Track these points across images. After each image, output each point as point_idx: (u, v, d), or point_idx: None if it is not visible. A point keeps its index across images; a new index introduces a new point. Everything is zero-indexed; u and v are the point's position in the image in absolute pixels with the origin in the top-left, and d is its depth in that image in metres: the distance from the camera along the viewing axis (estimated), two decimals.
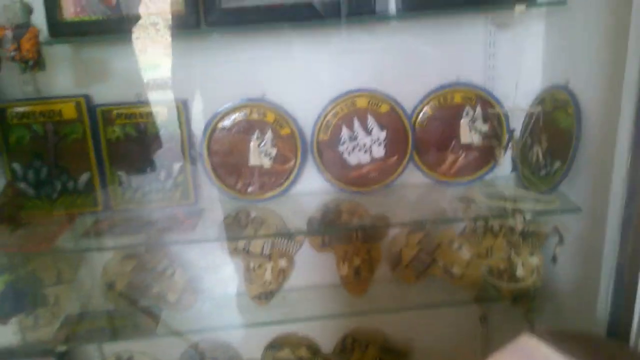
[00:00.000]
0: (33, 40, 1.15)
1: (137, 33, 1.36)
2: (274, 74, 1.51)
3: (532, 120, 1.44)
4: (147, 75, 1.46)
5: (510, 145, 1.46)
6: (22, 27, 1.16)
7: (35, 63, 1.18)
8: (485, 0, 1.35)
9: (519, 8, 1.28)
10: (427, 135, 1.57)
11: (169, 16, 1.36)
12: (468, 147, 1.57)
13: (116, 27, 1.35)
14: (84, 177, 1.51)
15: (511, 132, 1.47)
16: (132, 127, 1.50)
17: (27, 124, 1.45)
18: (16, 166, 1.47)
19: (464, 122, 1.56)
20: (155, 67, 1.46)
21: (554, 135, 1.40)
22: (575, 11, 1.32)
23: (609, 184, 1.11)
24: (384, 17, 1.41)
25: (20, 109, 1.43)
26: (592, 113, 1.30)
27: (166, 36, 1.38)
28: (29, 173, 1.48)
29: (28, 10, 1.21)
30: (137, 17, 1.34)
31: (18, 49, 1.13)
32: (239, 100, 1.51)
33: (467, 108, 1.55)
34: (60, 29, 1.33)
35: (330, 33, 1.46)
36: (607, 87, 1.21)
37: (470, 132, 1.56)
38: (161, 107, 1.49)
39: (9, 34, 1.13)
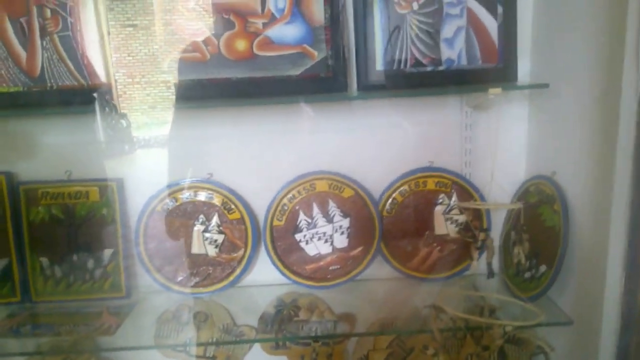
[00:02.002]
0: None
1: (67, 105, 1.21)
2: (224, 153, 1.34)
3: (515, 217, 1.24)
4: (80, 151, 1.30)
5: (484, 246, 1.25)
6: None
7: None
8: (457, 80, 1.20)
9: (494, 90, 1.11)
10: (397, 224, 1.38)
11: (109, 88, 1.21)
12: (443, 240, 1.38)
13: (41, 100, 1.20)
14: (0, 264, 1.31)
15: (485, 231, 1.27)
16: (58, 208, 1.32)
17: None
18: None
19: (438, 211, 1.37)
20: (89, 142, 1.30)
21: (539, 234, 1.20)
22: (560, 95, 1.16)
23: (602, 291, 0.95)
24: (346, 98, 1.25)
25: None
26: (581, 210, 1.11)
27: (101, 109, 1.22)
28: None
29: None
30: (66, 89, 1.19)
31: None
32: (183, 180, 1.33)
33: (442, 196, 1.36)
34: None
35: (287, 110, 1.30)
36: (597, 181, 1.03)
37: (445, 223, 1.37)
38: (93, 187, 1.32)
39: None
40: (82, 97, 1.20)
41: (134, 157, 1.32)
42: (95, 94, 1.19)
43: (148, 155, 1.32)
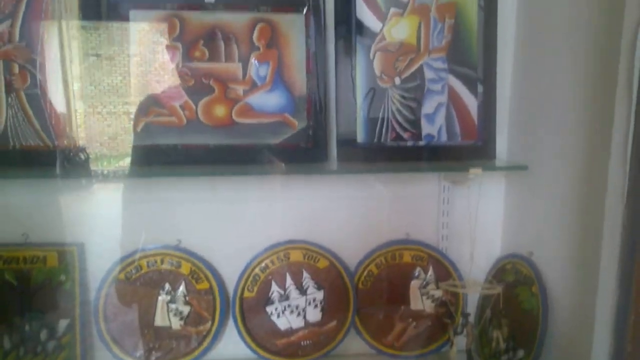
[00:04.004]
0: None
1: (30, 168, 1.14)
2: (194, 219, 1.28)
3: (494, 299, 1.22)
4: (39, 214, 1.22)
5: (464, 332, 1.22)
6: None
7: None
8: (436, 156, 1.19)
9: (474, 170, 1.11)
10: (372, 297, 1.34)
11: (74, 151, 1.15)
12: (419, 315, 1.34)
13: (1, 159, 1.12)
14: None
15: (465, 316, 1.24)
16: (11, 273, 1.22)
17: None
18: None
19: (414, 285, 1.33)
20: (51, 205, 1.22)
21: (517, 317, 1.18)
22: (538, 177, 1.17)
23: None
24: (326, 171, 1.22)
25: None
26: (561, 294, 1.10)
27: (63, 168, 1.15)
28: None
29: None
30: (27, 149, 1.12)
31: None
32: (148, 246, 1.26)
33: (418, 269, 1.33)
34: None
35: (261, 177, 1.26)
36: (579, 265, 1.02)
37: (421, 298, 1.33)
38: (51, 251, 1.23)
39: None
40: (46, 159, 1.13)
41: (96, 220, 1.25)
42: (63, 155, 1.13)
43: (112, 218, 1.25)
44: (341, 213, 1.31)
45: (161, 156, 1.17)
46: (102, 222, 1.25)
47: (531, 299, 1.14)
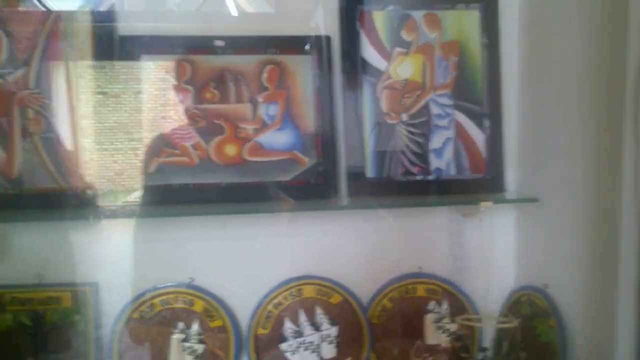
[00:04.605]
0: None
1: (43, 210, 1.16)
2: (206, 256, 1.29)
3: (509, 332, 1.21)
4: (53, 255, 1.23)
5: None
6: None
7: None
8: (446, 190, 1.20)
9: (485, 204, 1.11)
10: (387, 332, 1.33)
11: (87, 193, 1.17)
12: (435, 350, 1.32)
13: (15, 202, 1.15)
14: None
15: (483, 350, 1.23)
16: (26, 315, 1.23)
17: None
18: None
19: (428, 319, 1.32)
20: (64, 245, 1.24)
21: (535, 350, 1.17)
22: (549, 208, 1.17)
23: None
24: (336, 207, 1.23)
25: None
26: (580, 326, 1.08)
27: (75, 208, 1.17)
28: None
29: None
30: (41, 191, 1.15)
31: None
32: (161, 285, 1.27)
33: (433, 303, 1.33)
34: None
35: (272, 215, 1.27)
36: (594, 295, 1.01)
37: (436, 332, 1.32)
38: (65, 292, 1.24)
39: None
40: (59, 200, 1.16)
41: (110, 260, 1.26)
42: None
43: (125, 257, 1.26)
44: (352, 248, 1.32)
45: (174, 195, 1.19)
46: (115, 261, 1.26)
47: (549, 331, 1.13)
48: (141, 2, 1.22)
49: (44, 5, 1.18)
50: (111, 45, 1.17)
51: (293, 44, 1.22)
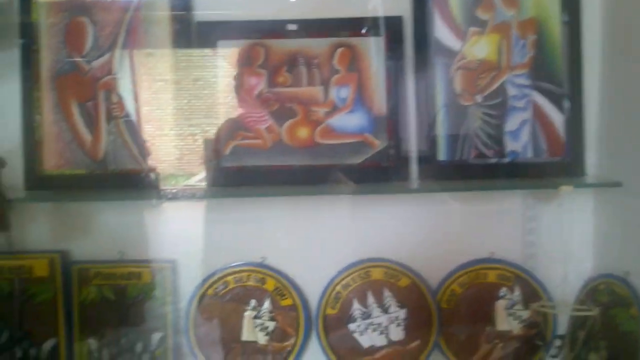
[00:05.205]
0: None
1: (126, 190, 1.22)
2: (277, 237, 1.32)
3: (585, 320, 1.17)
4: (134, 232, 1.30)
5: (559, 354, 1.18)
6: None
7: None
8: (521, 173, 1.17)
9: (566, 188, 1.07)
10: (456, 317, 1.31)
11: (164, 174, 1.22)
12: (505, 336, 1.30)
13: (100, 182, 1.21)
14: (48, 344, 1.29)
15: (561, 338, 1.20)
16: (110, 289, 1.30)
17: None
18: None
19: (499, 305, 1.30)
20: (144, 224, 1.30)
21: (615, 339, 1.13)
22: (633, 193, 1.11)
23: None
24: (407, 189, 1.23)
25: None
26: None
27: (157, 192, 1.23)
28: None
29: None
30: (124, 172, 1.21)
31: None
32: (234, 263, 1.31)
33: (504, 289, 1.30)
34: (39, 182, 1.20)
35: (342, 197, 1.28)
36: None
37: (507, 318, 1.30)
38: (145, 268, 1.30)
39: None
40: (140, 181, 1.21)
41: (187, 238, 1.31)
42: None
43: (201, 237, 1.31)
44: (422, 231, 1.31)
45: (248, 177, 1.22)
46: (192, 240, 1.31)
47: (630, 320, 1.09)
48: None
49: None
50: (188, 31, 1.21)
51: (364, 26, 1.21)
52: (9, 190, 1.13)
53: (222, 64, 1.21)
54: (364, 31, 1.21)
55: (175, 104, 1.22)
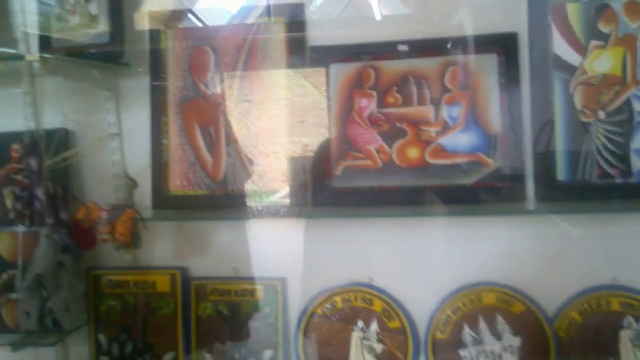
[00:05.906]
0: (128, 223, 1.08)
1: (242, 209, 1.28)
2: (385, 257, 1.32)
3: None
4: (247, 251, 1.35)
5: None
6: (119, 209, 1.11)
7: (128, 244, 1.10)
8: None
9: None
10: (575, 347, 1.24)
11: (277, 194, 1.26)
12: None
13: (219, 203, 1.28)
14: (168, 357, 1.36)
15: None
16: (224, 304, 1.36)
17: (119, 294, 1.36)
18: (101, 338, 1.37)
19: (624, 335, 1.21)
20: (257, 242, 1.34)
21: None
22: None
23: None
24: (524, 211, 1.18)
25: (114, 278, 1.36)
26: None
27: (272, 213, 1.27)
28: (113, 347, 1.37)
29: (132, 186, 1.17)
30: (243, 194, 1.26)
31: (112, 231, 1.06)
32: (342, 283, 1.32)
33: (629, 318, 1.21)
34: (165, 202, 1.28)
35: (453, 218, 1.26)
36: None
37: (633, 349, 1.20)
38: (258, 285, 1.34)
39: (104, 215, 1.07)
40: (254, 200, 1.26)
41: (295, 257, 1.34)
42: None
43: (309, 255, 1.33)
44: (538, 254, 1.25)
45: (359, 198, 1.23)
46: (302, 259, 1.33)
47: None
48: (324, 10, 1.28)
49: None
50: (303, 55, 1.25)
51: (477, 44, 1.20)
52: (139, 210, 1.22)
53: (333, 86, 1.24)
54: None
55: (288, 123, 1.27)
